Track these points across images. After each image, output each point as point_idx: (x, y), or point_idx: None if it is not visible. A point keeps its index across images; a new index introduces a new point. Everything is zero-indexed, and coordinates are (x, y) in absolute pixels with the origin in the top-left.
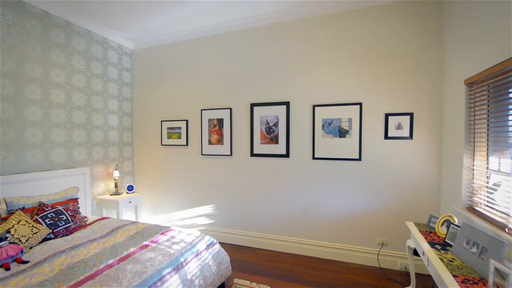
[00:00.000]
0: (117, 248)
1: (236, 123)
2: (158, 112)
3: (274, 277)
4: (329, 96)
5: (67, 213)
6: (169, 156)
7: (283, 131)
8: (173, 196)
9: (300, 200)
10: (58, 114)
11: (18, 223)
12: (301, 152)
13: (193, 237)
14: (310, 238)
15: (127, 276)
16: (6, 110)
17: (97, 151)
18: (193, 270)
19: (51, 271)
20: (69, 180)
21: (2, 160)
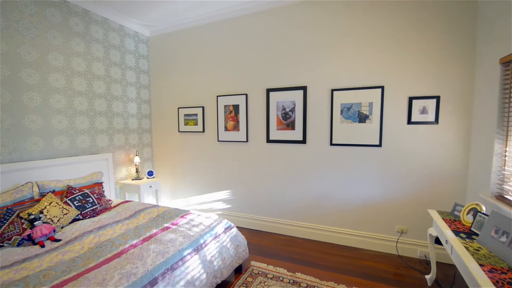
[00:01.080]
0: (140, 229)
1: (252, 109)
2: (175, 99)
3: (290, 260)
4: (348, 79)
5: (93, 196)
6: (186, 142)
7: (300, 117)
8: (191, 181)
9: (316, 187)
10: (81, 102)
11: (50, 204)
12: (318, 138)
13: (211, 221)
14: (326, 224)
15: (150, 255)
16: (33, 99)
17: (118, 138)
18: (212, 252)
19: (81, 249)
20: (94, 165)
21: (32, 145)
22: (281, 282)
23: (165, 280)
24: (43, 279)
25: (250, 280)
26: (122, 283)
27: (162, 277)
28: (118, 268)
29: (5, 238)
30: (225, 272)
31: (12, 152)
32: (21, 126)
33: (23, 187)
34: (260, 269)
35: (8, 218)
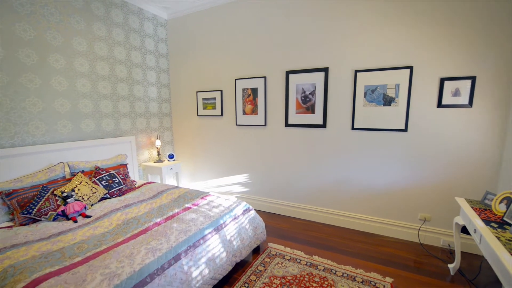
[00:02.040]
0: (163, 208)
1: (271, 92)
2: (193, 83)
3: (308, 244)
4: (373, 60)
5: (119, 176)
6: (205, 126)
7: (320, 100)
8: (210, 165)
9: (336, 172)
10: (105, 86)
11: (80, 183)
12: (339, 122)
13: (230, 202)
14: (345, 210)
15: (173, 233)
16: (61, 83)
17: (140, 121)
18: (232, 232)
19: (110, 225)
20: (118, 147)
21: (62, 128)
22: (298, 264)
23: (188, 257)
24: (77, 251)
25: (268, 261)
26: (148, 257)
27: (185, 253)
28: (144, 243)
29: (42, 213)
30: (243, 252)
31: (45, 134)
32: (51, 110)
33: (56, 167)
34: (278, 251)
35: (44, 195)
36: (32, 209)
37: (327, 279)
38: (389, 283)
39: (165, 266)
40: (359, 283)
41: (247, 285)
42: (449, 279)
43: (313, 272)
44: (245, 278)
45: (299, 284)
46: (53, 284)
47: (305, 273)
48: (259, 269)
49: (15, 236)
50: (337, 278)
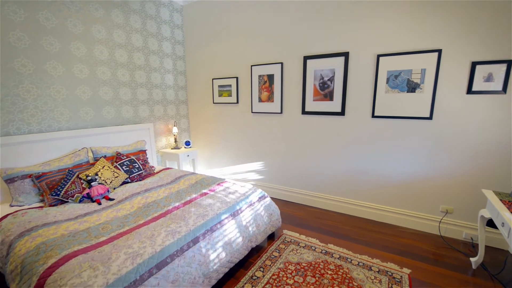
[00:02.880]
0: (181, 193)
1: (288, 79)
2: (209, 69)
3: (323, 232)
4: (398, 43)
5: (139, 162)
6: (220, 114)
7: (339, 87)
8: (225, 152)
9: (354, 161)
10: (123, 74)
11: (103, 168)
12: (358, 110)
13: (246, 189)
14: (362, 199)
15: (192, 217)
16: (82, 71)
17: (158, 109)
18: (247, 218)
19: (132, 208)
20: (137, 134)
21: (85, 115)
22: (313, 251)
23: (206, 240)
24: (102, 231)
25: (283, 247)
26: (168, 239)
27: (203, 236)
28: (164, 226)
29: (69, 195)
30: (259, 238)
31: (69, 120)
32: (74, 96)
33: (80, 152)
34: (292, 238)
35: (70, 178)
36: (60, 191)
37: (342, 267)
38: (406, 274)
39: (184, 248)
40: (375, 272)
41: (262, 270)
42: (470, 273)
43: (328, 260)
44: (260, 262)
45: (314, 271)
46: (81, 261)
47: (320, 261)
48: (274, 255)
49: (45, 216)
50: (352, 267)
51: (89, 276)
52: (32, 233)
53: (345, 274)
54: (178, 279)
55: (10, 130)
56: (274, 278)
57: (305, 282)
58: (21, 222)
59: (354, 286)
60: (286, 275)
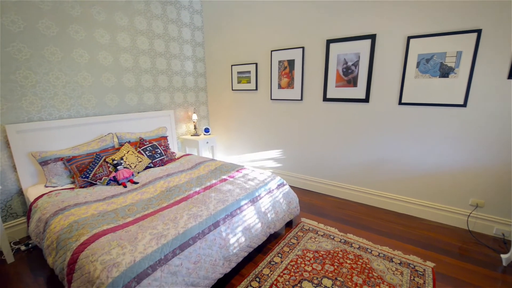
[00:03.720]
0: (202, 179)
1: (309, 64)
2: (228, 56)
3: (342, 222)
4: (431, 23)
5: (161, 148)
6: (239, 101)
7: (364, 72)
8: (244, 139)
9: (378, 150)
10: (145, 61)
11: (127, 153)
12: (384, 96)
13: (265, 176)
14: (384, 190)
15: (212, 202)
16: (106, 58)
17: (178, 96)
18: (266, 205)
19: (155, 191)
20: (158, 120)
21: (110, 101)
22: (332, 240)
23: (226, 224)
24: (128, 212)
25: (301, 235)
26: (190, 222)
27: (223, 221)
28: (186, 209)
29: (97, 178)
30: (277, 224)
31: (95, 107)
32: (99, 84)
33: (106, 137)
34: (311, 226)
35: (97, 162)
36: (89, 174)
37: (362, 257)
38: (430, 268)
39: (206, 231)
40: (397, 264)
41: (280, 256)
42: (500, 270)
43: (347, 250)
44: (278, 248)
45: (332, 259)
46: (110, 239)
47: (339, 250)
48: (292, 242)
49: (76, 197)
50: (372, 257)
51: (118, 253)
52: (65, 212)
53: (365, 264)
54: (199, 261)
55: (43, 115)
56: (292, 264)
57: (323, 270)
58: (55, 201)
59: (374, 276)
60: (304, 262)
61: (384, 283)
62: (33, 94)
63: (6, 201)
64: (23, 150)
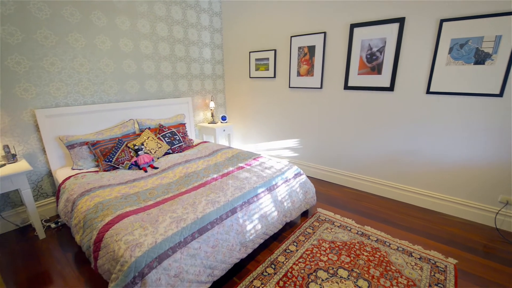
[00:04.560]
0: (219, 166)
1: (330, 50)
2: (246, 42)
3: (359, 214)
4: (468, 4)
5: (179, 134)
6: (256, 89)
7: (390, 58)
8: (260, 128)
9: (401, 141)
10: (164, 48)
11: (148, 138)
12: (410, 85)
13: (282, 165)
14: (406, 183)
15: (229, 188)
16: (127, 45)
17: (196, 83)
18: (283, 194)
19: (174, 177)
20: (177, 107)
21: (130, 88)
22: (349, 232)
23: (243, 211)
24: (149, 195)
25: (317, 225)
26: (209, 207)
27: (240, 207)
28: (204, 195)
29: (119, 162)
30: (293, 213)
31: (117, 93)
32: (121, 70)
33: (127, 123)
34: (327, 216)
35: (120, 147)
36: (112, 158)
37: (380, 250)
38: (452, 264)
39: (223, 217)
40: (416, 259)
41: (295, 244)
42: None
43: (364, 242)
44: (293, 237)
45: (349, 250)
46: (133, 221)
47: (356, 241)
48: (307, 231)
49: (101, 179)
50: (390, 251)
51: (140, 234)
52: (91, 194)
53: (383, 257)
54: (217, 245)
55: (69, 101)
56: (307, 253)
57: (339, 261)
58: (81, 183)
59: (392, 270)
60: (319, 251)
61: (402, 277)
62: (59, 80)
63: (37, 182)
64: (52, 134)
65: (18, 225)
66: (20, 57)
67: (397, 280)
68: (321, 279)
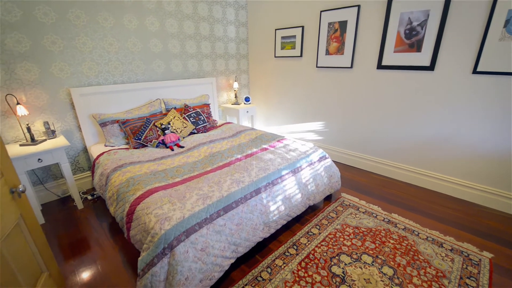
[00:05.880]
0: (243, 147)
1: (364, 25)
2: (272, 19)
3: (386, 201)
4: None
5: (204, 115)
6: (281, 69)
7: (433, 33)
8: (284, 110)
9: (436, 126)
10: (189, 26)
11: (174, 118)
12: (454, 64)
13: (307, 148)
14: (437, 171)
15: (254, 169)
16: (153, 23)
17: (220, 63)
18: (307, 176)
19: (199, 156)
20: (201, 88)
21: (157, 68)
22: (374, 218)
23: (267, 192)
24: (176, 173)
25: (341, 209)
26: (233, 187)
27: (264, 188)
28: (229, 174)
29: (147, 140)
30: (317, 197)
31: (144, 73)
32: (147, 50)
33: (155, 103)
34: (351, 202)
35: (148, 125)
36: (141, 136)
37: (407, 239)
38: (487, 258)
39: (248, 196)
40: (447, 250)
41: (318, 227)
42: None
43: (391, 229)
44: (316, 220)
45: (374, 237)
46: (162, 196)
47: (382, 229)
48: (331, 215)
49: (131, 156)
50: (419, 240)
51: (169, 209)
52: (123, 169)
53: (410, 246)
54: (241, 223)
55: (100, 80)
56: (330, 237)
57: (363, 246)
58: (114, 159)
59: (420, 259)
60: (343, 236)
61: (431, 267)
62: (91, 59)
63: (74, 157)
64: (85, 112)
65: (59, 196)
66: (55, 37)
67: (425, 270)
68: (344, 263)
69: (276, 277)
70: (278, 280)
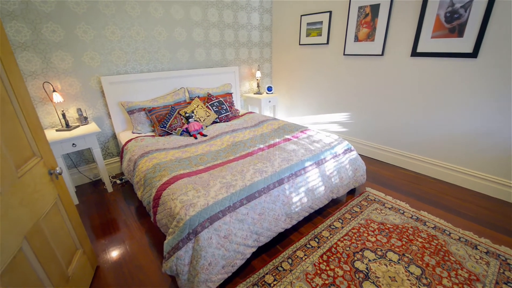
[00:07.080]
0: (265, 137)
1: (398, 9)
2: (298, 4)
3: (415, 197)
4: None
5: (226, 104)
6: (306, 57)
7: (478, 16)
8: (307, 100)
9: (479, 120)
10: (213, 14)
11: (197, 107)
12: (500, 50)
13: (331, 140)
14: (476, 168)
15: (277, 159)
16: (178, 11)
17: (243, 52)
18: (331, 169)
19: (222, 145)
20: (224, 77)
21: (181, 56)
22: (401, 215)
23: (290, 183)
24: (199, 161)
25: (365, 204)
26: (256, 176)
27: (287, 179)
28: (252, 164)
29: (172, 128)
30: (341, 190)
31: (169, 62)
32: (172, 38)
33: (179, 91)
34: (377, 197)
35: (172, 114)
36: (166, 124)
37: (437, 238)
38: None
39: (270, 186)
40: (482, 252)
41: (341, 221)
42: None
43: (419, 227)
44: (339, 214)
45: (400, 234)
46: (186, 182)
47: (409, 226)
48: (354, 210)
49: (157, 143)
50: (450, 240)
51: (193, 195)
52: (149, 155)
53: (441, 246)
54: (264, 213)
55: (128, 69)
56: (353, 231)
57: (389, 243)
58: (141, 146)
59: (451, 260)
60: (367, 231)
61: (463, 270)
62: (119, 48)
63: (104, 143)
64: (115, 100)
65: (91, 179)
66: (87, 26)
67: (456, 272)
68: (367, 259)
69: (297, 268)
70: (299, 271)
